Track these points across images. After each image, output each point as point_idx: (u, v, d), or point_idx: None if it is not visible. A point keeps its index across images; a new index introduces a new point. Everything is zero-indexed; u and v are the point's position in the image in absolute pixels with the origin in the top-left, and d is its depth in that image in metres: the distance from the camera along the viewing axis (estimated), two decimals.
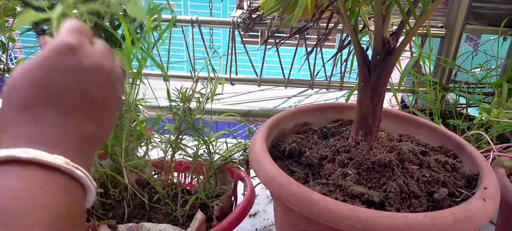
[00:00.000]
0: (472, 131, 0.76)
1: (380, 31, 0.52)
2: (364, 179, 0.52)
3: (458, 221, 0.40)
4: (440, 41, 1.07)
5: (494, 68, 1.05)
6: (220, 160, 0.73)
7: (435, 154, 0.59)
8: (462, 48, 1.17)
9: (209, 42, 1.13)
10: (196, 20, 1.04)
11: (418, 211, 0.47)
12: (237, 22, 1.01)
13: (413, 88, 1.06)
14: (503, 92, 0.90)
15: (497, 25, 1.02)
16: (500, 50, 1.04)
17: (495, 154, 0.65)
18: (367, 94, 0.56)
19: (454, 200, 0.49)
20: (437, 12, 1.14)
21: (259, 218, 0.80)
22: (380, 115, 0.58)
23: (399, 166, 0.53)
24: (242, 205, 0.61)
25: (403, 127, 0.69)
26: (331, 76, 1.13)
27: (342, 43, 0.98)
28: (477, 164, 0.54)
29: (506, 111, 0.74)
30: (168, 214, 0.64)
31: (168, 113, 0.64)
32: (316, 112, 0.70)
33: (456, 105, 1.02)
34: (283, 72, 1.16)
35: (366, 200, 0.47)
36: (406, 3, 0.56)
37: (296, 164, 0.58)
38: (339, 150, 0.58)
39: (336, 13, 0.59)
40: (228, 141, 0.80)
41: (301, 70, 1.13)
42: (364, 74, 0.56)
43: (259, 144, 0.54)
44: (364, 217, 0.40)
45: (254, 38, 4.21)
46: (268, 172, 0.48)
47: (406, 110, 0.88)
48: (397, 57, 0.54)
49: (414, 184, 0.50)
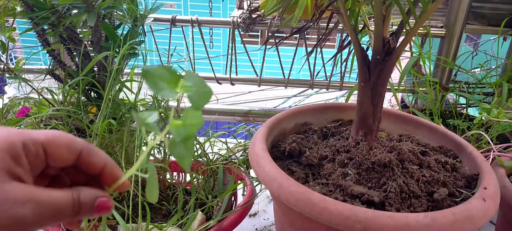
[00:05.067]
0: (472, 131, 0.76)
1: (380, 31, 0.52)
2: (364, 179, 0.52)
3: (458, 221, 0.40)
4: (440, 41, 1.07)
5: (494, 68, 1.05)
6: (220, 160, 0.73)
7: (435, 154, 0.59)
8: (462, 48, 1.17)
9: (209, 42, 1.13)
10: (196, 20, 1.04)
11: (418, 211, 0.47)
12: (237, 22, 1.01)
13: (413, 88, 1.06)
14: (503, 92, 0.90)
15: (497, 25, 1.02)
16: (500, 50, 1.04)
17: (495, 154, 0.65)
18: (367, 94, 0.56)
19: (454, 200, 0.49)
20: (437, 12, 1.14)
21: (259, 218, 0.80)
22: (380, 115, 0.58)
23: (399, 166, 0.53)
24: (242, 205, 0.61)
25: (403, 127, 0.69)
26: (331, 76, 1.13)
27: (342, 43, 0.98)
28: (477, 164, 0.54)
29: (506, 111, 0.74)
30: (168, 214, 0.64)
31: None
32: (316, 112, 0.70)
33: (456, 105, 1.02)
34: (283, 72, 1.16)
35: (366, 200, 0.47)
36: (406, 3, 0.56)
37: (296, 164, 0.58)
38: (339, 150, 0.58)
39: (336, 13, 0.59)
40: (228, 141, 0.80)
41: (301, 70, 1.13)
42: (364, 74, 0.56)
43: (259, 144, 0.54)
44: (364, 217, 0.40)
45: (254, 38, 4.21)
46: (268, 172, 0.48)
47: (406, 110, 0.88)
48: (397, 57, 0.54)
49: (414, 184, 0.50)
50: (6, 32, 0.87)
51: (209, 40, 1.13)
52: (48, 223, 0.29)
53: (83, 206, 0.31)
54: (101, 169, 0.33)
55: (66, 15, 0.74)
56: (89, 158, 0.33)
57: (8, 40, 0.86)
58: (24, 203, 0.27)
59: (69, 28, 0.79)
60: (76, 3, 0.71)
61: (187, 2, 4.89)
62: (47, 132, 0.31)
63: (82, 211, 0.31)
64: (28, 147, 0.30)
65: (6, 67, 0.92)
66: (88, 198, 0.31)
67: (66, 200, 0.30)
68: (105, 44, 0.78)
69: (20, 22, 0.88)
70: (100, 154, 0.33)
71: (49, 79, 0.89)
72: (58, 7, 0.73)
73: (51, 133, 0.31)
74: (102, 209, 0.32)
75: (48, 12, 0.73)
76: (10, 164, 0.28)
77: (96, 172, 0.33)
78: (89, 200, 0.31)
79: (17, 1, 0.79)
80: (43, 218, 0.28)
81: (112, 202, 0.33)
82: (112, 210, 0.34)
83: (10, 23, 0.93)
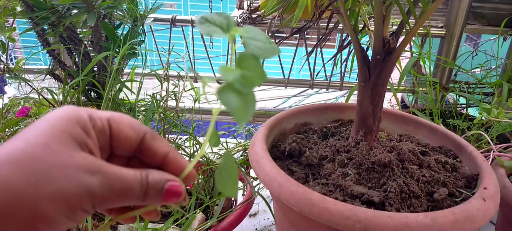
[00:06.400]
0: (472, 131, 0.76)
1: (380, 31, 0.52)
2: (364, 179, 0.52)
3: (458, 221, 0.40)
4: (440, 41, 1.07)
5: (494, 68, 1.05)
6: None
7: (435, 154, 0.59)
8: (462, 48, 1.17)
9: (209, 42, 1.13)
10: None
11: (418, 211, 0.47)
12: (237, 22, 1.01)
13: (413, 88, 1.06)
14: (503, 92, 0.90)
15: (497, 25, 1.02)
16: (500, 50, 1.04)
17: (495, 154, 0.65)
18: (367, 94, 0.56)
19: (454, 200, 0.49)
20: (437, 12, 1.14)
21: (259, 218, 0.80)
22: (380, 115, 0.58)
23: (399, 166, 0.53)
24: (242, 205, 0.61)
25: (403, 127, 0.69)
26: (331, 76, 1.13)
27: (342, 43, 0.98)
28: (477, 164, 0.54)
29: (506, 111, 0.74)
30: (168, 214, 0.64)
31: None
32: (316, 113, 0.70)
33: (456, 105, 1.02)
34: (283, 72, 1.16)
35: (366, 200, 0.47)
36: (406, 3, 0.56)
37: (296, 164, 0.58)
38: (339, 150, 0.58)
39: (336, 13, 0.59)
40: (228, 141, 0.80)
41: (301, 70, 1.13)
42: (364, 74, 0.56)
43: (259, 144, 0.54)
44: (364, 217, 0.40)
45: None
46: (268, 172, 0.48)
47: (406, 110, 0.88)
48: (397, 57, 0.54)
49: (414, 184, 0.50)
50: (6, 32, 0.87)
51: (209, 40, 1.13)
52: (115, 200, 0.27)
53: (151, 187, 0.29)
54: (164, 157, 0.31)
55: (66, 15, 0.74)
56: (153, 142, 0.31)
57: (8, 40, 0.86)
58: (93, 174, 0.26)
59: (69, 28, 0.79)
60: (76, 3, 0.71)
61: (187, 2, 4.88)
62: (110, 112, 0.30)
63: (150, 193, 0.29)
64: (95, 120, 0.29)
65: (6, 67, 0.93)
66: (156, 180, 0.29)
67: (136, 178, 0.28)
68: (105, 44, 0.78)
69: (20, 22, 0.88)
70: (164, 141, 0.31)
71: (49, 79, 0.90)
72: (58, 7, 0.73)
73: (115, 113, 0.31)
74: (172, 194, 0.29)
75: (48, 12, 0.73)
76: (81, 134, 0.27)
77: (159, 161, 0.31)
78: (158, 182, 0.29)
79: (17, 1, 0.79)
80: (111, 193, 0.27)
81: (184, 188, 0.30)
82: (183, 198, 0.30)
83: (10, 23, 0.93)
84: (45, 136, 0.26)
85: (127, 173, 0.28)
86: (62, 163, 0.25)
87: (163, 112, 0.69)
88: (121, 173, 0.28)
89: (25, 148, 0.25)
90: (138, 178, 0.28)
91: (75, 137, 0.27)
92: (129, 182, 0.28)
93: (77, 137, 0.27)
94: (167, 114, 0.68)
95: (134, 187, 0.28)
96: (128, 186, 0.28)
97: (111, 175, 0.27)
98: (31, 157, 0.25)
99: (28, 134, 0.26)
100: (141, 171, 0.29)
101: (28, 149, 0.25)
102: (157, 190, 0.29)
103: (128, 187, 0.28)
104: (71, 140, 0.27)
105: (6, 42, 0.86)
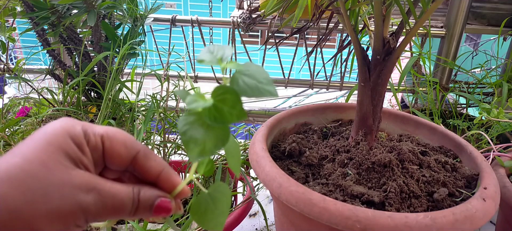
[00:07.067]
0: (472, 131, 0.76)
1: (380, 31, 0.52)
2: (364, 179, 0.52)
3: (458, 221, 0.40)
4: (440, 41, 1.07)
5: (494, 68, 1.05)
6: (220, 160, 0.73)
7: (435, 154, 0.59)
8: (462, 48, 1.17)
9: (209, 42, 1.13)
10: (196, 20, 1.04)
11: (418, 211, 0.47)
12: (237, 22, 1.01)
13: (413, 88, 1.06)
14: (503, 92, 0.90)
15: (497, 25, 1.02)
16: (500, 50, 1.04)
17: (495, 154, 0.65)
18: (367, 94, 0.56)
19: (454, 200, 0.49)
20: (437, 12, 1.14)
21: (259, 218, 0.80)
22: (380, 115, 0.58)
23: (399, 166, 0.53)
24: (242, 205, 0.61)
25: (403, 127, 0.69)
26: (331, 76, 1.13)
27: (342, 43, 0.98)
28: (477, 164, 0.54)
29: (506, 112, 0.74)
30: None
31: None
32: (316, 112, 0.70)
33: (456, 105, 1.02)
34: (283, 72, 1.16)
35: (366, 200, 0.47)
36: (406, 3, 0.56)
37: (296, 164, 0.58)
38: (339, 150, 0.58)
39: (336, 13, 0.59)
40: None
41: (301, 70, 1.13)
42: (364, 74, 0.56)
43: (259, 144, 0.54)
44: (364, 217, 0.40)
45: (254, 38, 4.21)
46: (268, 172, 0.48)
47: (406, 110, 0.88)
48: (397, 57, 0.54)
49: (414, 184, 0.50)
50: (6, 32, 0.87)
51: (209, 40, 1.13)
52: (107, 216, 0.29)
53: (142, 203, 0.30)
54: (158, 175, 0.32)
55: (66, 15, 0.74)
56: (146, 161, 0.31)
57: (8, 40, 0.86)
58: (88, 191, 0.27)
59: (69, 28, 0.79)
60: (76, 3, 0.71)
61: (187, 2, 4.88)
62: (105, 127, 0.31)
63: (140, 209, 0.30)
64: (89, 136, 0.29)
65: (6, 67, 0.93)
66: (147, 196, 0.30)
67: (128, 195, 0.29)
68: (105, 44, 0.78)
69: (20, 22, 0.88)
70: (158, 159, 0.32)
71: (49, 79, 0.90)
72: (58, 7, 0.73)
73: (110, 128, 0.31)
74: (161, 210, 0.31)
75: (48, 12, 0.73)
76: (76, 151, 0.28)
77: (152, 178, 0.32)
78: (148, 199, 0.30)
79: (17, 1, 0.79)
80: (104, 210, 0.28)
81: (173, 205, 0.31)
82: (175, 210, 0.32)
83: (10, 23, 0.93)
84: (41, 152, 0.27)
85: (120, 190, 0.29)
86: (59, 181, 0.26)
87: (163, 112, 0.69)
88: (115, 190, 0.29)
89: (22, 164, 0.26)
90: (130, 195, 0.29)
91: (70, 154, 0.28)
92: (122, 200, 0.29)
93: (73, 154, 0.28)
94: (167, 114, 0.68)
95: (126, 204, 0.29)
96: (120, 204, 0.29)
97: (105, 193, 0.28)
98: (28, 175, 0.25)
99: (25, 149, 0.27)
100: (133, 188, 0.30)
101: (25, 166, 0.26)
102: (147, 206, 0.30)
103: (121, 204, 0.29)
104: (66, 157, 0.27)
105: (6, 42, 0.86)
